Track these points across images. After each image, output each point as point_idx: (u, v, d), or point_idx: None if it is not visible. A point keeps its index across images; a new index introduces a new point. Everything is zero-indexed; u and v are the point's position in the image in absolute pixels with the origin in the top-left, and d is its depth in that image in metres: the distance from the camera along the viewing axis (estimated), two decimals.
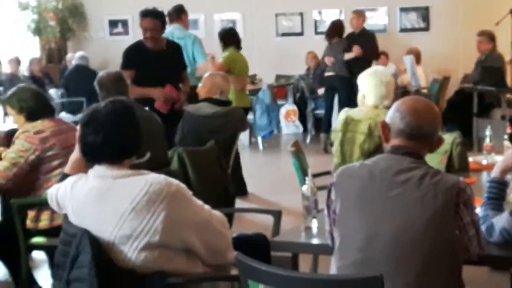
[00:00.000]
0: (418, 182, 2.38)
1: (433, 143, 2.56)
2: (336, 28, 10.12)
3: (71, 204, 2.81)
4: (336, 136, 4.44)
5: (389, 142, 2.56)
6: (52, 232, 4.02)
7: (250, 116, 9.32)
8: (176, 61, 6.26)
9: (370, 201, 2.41)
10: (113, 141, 2.76)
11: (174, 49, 6.27)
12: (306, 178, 3.00)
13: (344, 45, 9.85)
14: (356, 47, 9.67)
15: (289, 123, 11.59)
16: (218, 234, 2.88)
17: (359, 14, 10.24)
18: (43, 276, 4.66)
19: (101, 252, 2.66)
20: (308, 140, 10.60)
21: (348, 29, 10.28)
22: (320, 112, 10.83)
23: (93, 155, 2.79)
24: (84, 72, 10.44)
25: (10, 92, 4.37)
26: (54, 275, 2.86)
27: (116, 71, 4.96)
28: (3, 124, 7.42)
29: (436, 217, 2.33)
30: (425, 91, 10.31)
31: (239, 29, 12.69)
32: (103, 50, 12.63)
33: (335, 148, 4.46)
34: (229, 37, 7.87)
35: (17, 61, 11.53)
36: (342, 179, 2.52)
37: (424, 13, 11.92)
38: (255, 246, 3.20)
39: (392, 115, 2.57)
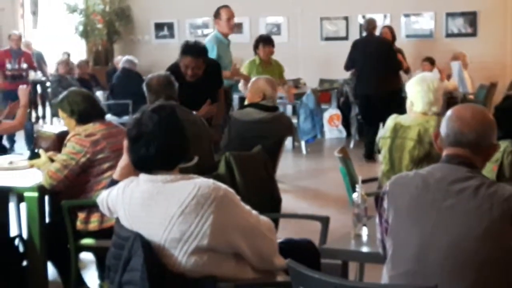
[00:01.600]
0: (473, 192, 2.36)
1: (484, 151, 2.53)
2: None
3: (123, 207, 2.84)
4: (384, 143, 4.42)
5: (442, 151, 2.55)
6: (101, 233, 4.08)
7: (294, 120, 9.33)
8: (212, 83, 6.10)
9: (424, 211, 2.39)
10: (165, 151, 2.78)
11: (211, 69, 6.08)
12: (357, 186, 2.99)
13: None
14: None
15: (332, 128, 11.54)
16: (266, 239, 2.88)
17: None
18: (91, 276, 4.72)
19: (153, 255, 2.69)
20: (351, 145, 10.54)
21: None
22: None
23: (145, 167, 2.82)
24: (130, 75, 10.58)
25: (61, 95, 4.43)
26: (106, 278, 2.89)
27: (165, 74, 4.96)
28: (52, 126, 7.55)
29: (492, 228, 2.31)
30: (471, 97, 10.19)
31: (284, 33, 12.79)
32: (148, 53, 12.78)
33: (383, 155, 4.44)
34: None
35: (67, 63, 11.70)
36: (395, 188, 2.50)
37: (472, 18, 11.79)
38: (302, 252, 3.20)
39: (442, 124, 2.57)
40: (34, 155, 4.60)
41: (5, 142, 7.91)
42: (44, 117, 13.92)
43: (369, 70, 9.32)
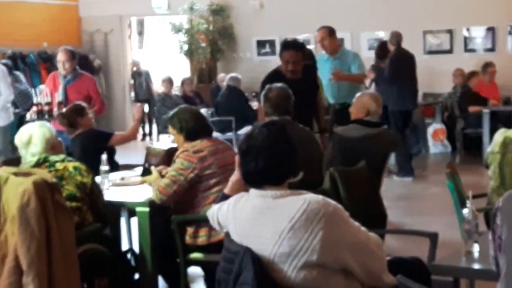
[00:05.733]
0: None
1: None
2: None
3: (233, 222, 2.89)
4: (493, 158, 4.34)
5: None
6: (209, 248, 4.16)
7: None
8: (310, 85, 6.26)
9: None
10: (273, 166, 2.82)
11: (309, 72, 6.26)
12: (467, 202, 2.95)
13: None
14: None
15: (437, 142, 11.34)
16: (374, 256, 2.87)
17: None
18: None
19: (263, 270, 2.72)
20: (457, 160, 10.33)
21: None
22: (470, 131, 10.55)
23: (254, 181, 2.87)
24: (234, 93, 10.77)
25: (172, 112, 4.57)
26: None
27: (284, 87, 4.96)
28: (160, 143, 7.77)
29: None
30: None
31: None
32: (250, 70, 12.93)
33: (492, 170, 4.36)
34: None
35: (170, 81, 12.03)
36: (509, 203, 2.45)
37: None
38: (411, 269, 3.16)
39: None
40: (145, 172, 4.75)
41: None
42: (150, 134, 14.36)
43: (411, 85, 9.34)
